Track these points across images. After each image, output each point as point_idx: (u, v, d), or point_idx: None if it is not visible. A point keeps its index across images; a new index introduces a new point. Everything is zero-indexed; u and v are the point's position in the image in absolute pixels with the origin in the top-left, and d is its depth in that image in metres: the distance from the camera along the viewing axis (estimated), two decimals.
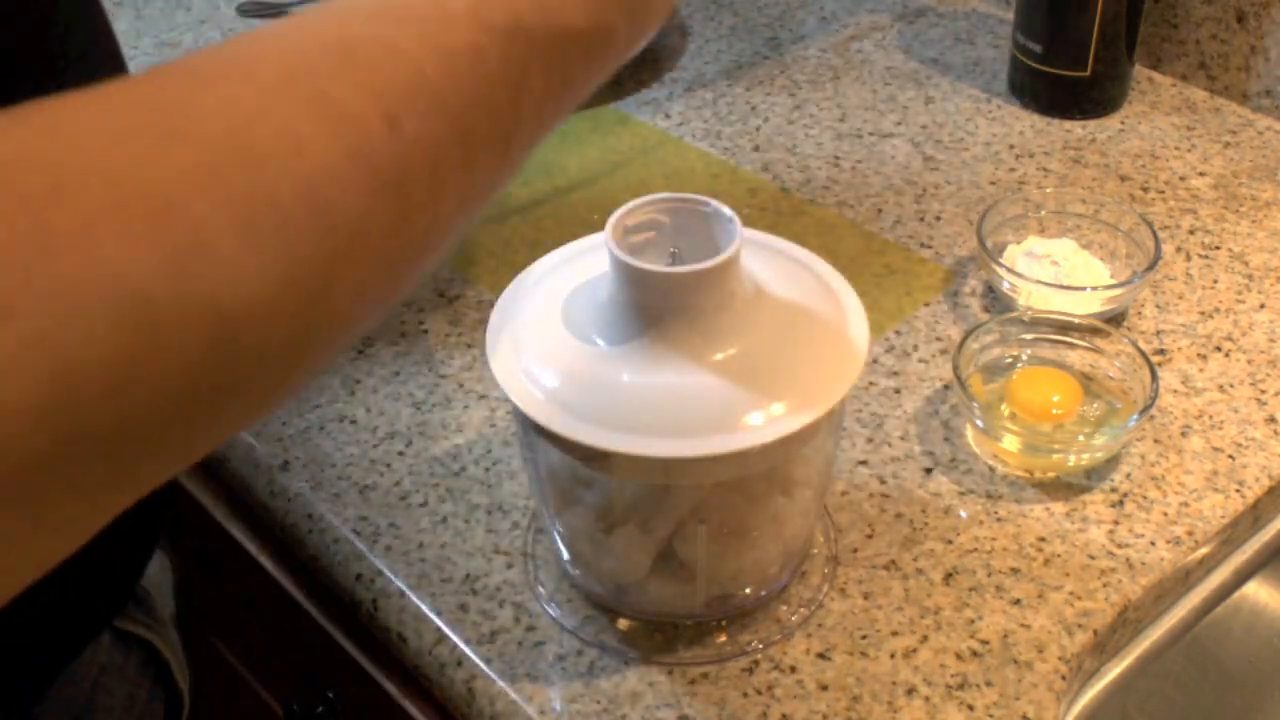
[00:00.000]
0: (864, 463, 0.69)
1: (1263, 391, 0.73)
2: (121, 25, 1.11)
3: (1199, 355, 0.76)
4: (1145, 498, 0.67)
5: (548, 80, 0.40)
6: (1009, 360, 0.73)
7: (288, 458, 0.70)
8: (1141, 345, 0.72)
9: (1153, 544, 0.65)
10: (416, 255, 0.36)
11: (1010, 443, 0.68)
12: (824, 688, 0.58)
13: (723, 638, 0.60)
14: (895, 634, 0.61)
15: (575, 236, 0.60)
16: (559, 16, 0.40)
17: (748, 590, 0.61)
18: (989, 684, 0.58)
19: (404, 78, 0.35)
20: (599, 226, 0.54)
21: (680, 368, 0.52)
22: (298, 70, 0.33)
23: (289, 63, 0.33)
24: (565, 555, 0.62)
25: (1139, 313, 0.79)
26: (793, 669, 0.59)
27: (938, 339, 0.77)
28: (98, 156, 0.28)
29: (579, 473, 0.56)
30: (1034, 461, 0.68)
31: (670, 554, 0.58)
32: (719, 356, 0.52)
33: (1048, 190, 0.87)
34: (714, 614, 0.60)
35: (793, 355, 0.53)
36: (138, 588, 0.64)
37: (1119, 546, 0.64)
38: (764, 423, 0.51)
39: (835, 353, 0.54)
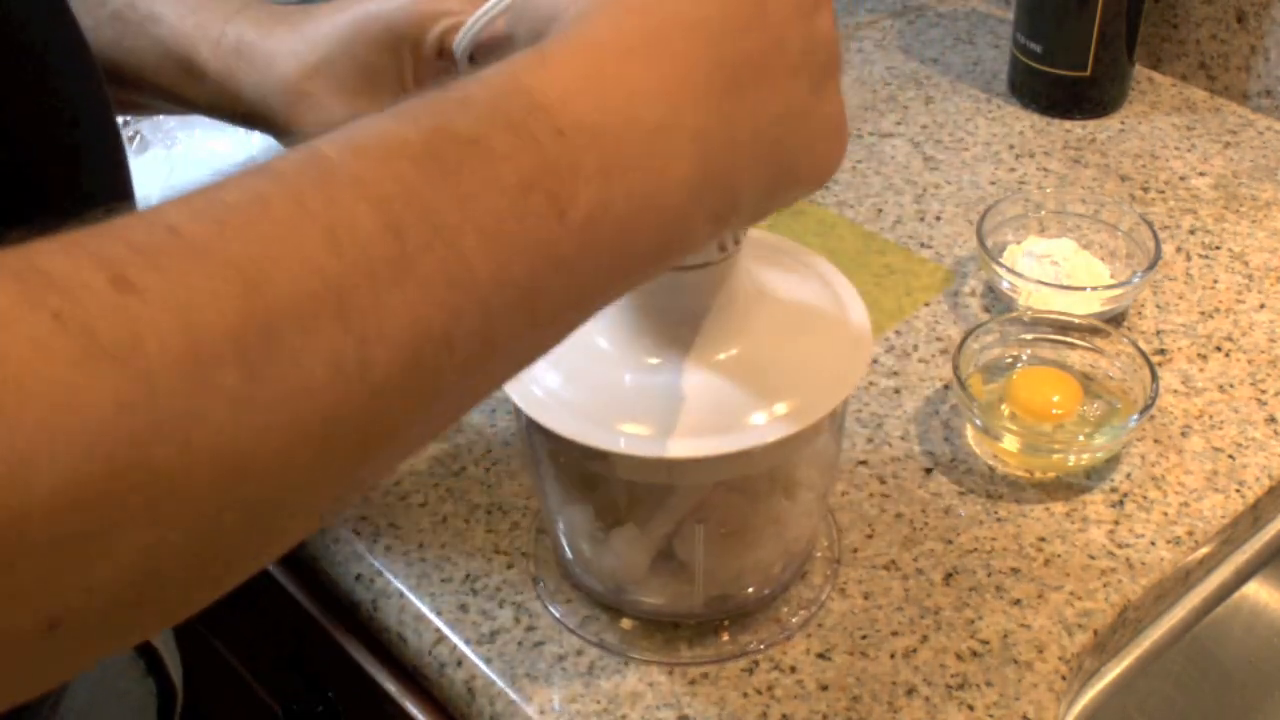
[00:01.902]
0: (864, 463, 0.69)
1: (1263, 391, 0.73)
2: None
3: (1199, 355, 0.76)
4: (1145, 498, 0.67)
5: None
6: (1009, 360, 0.73)
7: None
8: (1141, 345, 0.72)
9: (1153, 544, 0.65)
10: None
11: (1010, 443, 0.68)
12: (824, 688, 0.58)
13: (723, 637, 0.60)
14: (895, 634, 0.61)
15: None
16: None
17: (749, 590, 0.61)
18: (989, 684, 0.58)
19: (155, 239, 0.29)
20: None
21: (682, 367, 0.52)
22: (27, 246, 0.28)
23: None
24: (568, 554, 0.62)
25: (1139, 313, 0.79)
26: (793, 669, 0.59)
27: (938, 339, 0.77)
28: None
29: (580, 471, 0.56)
30: (1034, 461, 0.68)
31: (670, 553, 0.58)
32: (721, 356, 0.52)
33: (1048, 190, 0.87)
34: (714, 614, 0.60)
35: (795, 355, 0.53)
36: None
37: (1119, 546, 0.64)
38: (766, 423, 0.51)
39: (837, 352, 0.54)
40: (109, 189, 0.54)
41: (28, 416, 0.26)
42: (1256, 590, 0.70)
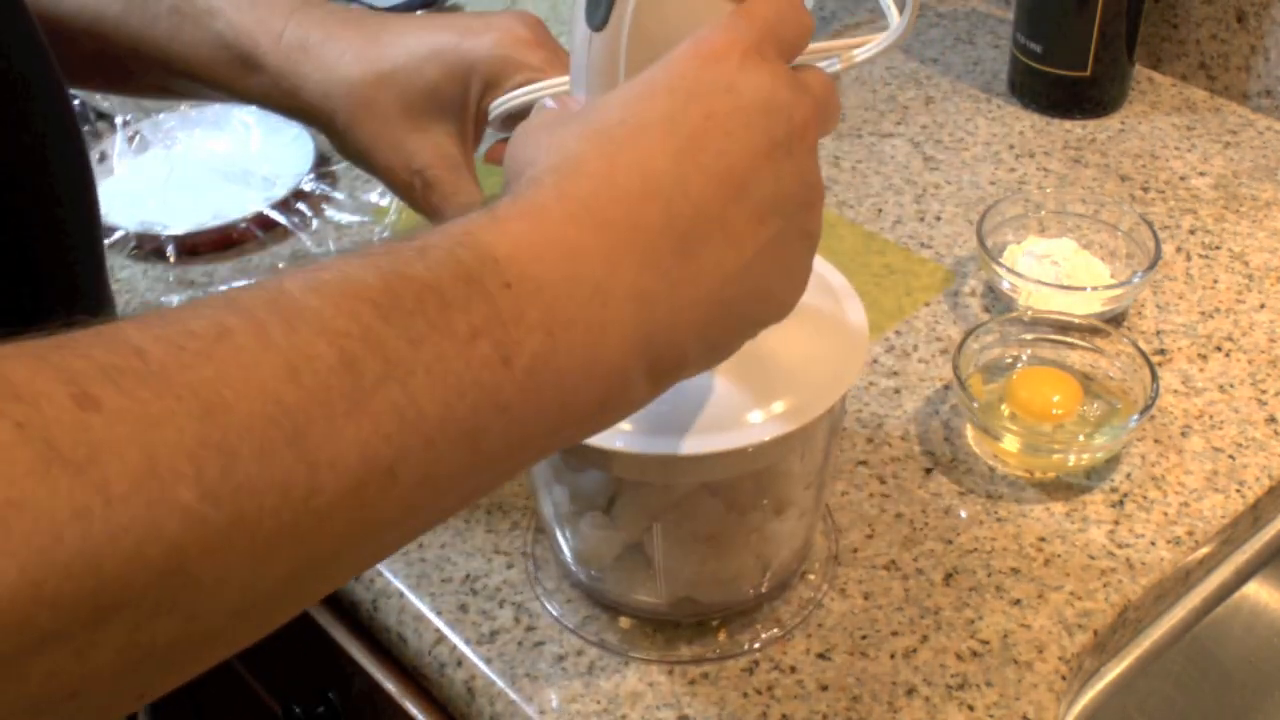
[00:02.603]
0: (864, 463, 0.69)
1: (1263, 391, 0.73)
2: None
3: (1199, 355, 0.76)
4: (1145, 498, 0.67)
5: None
6: (1009, 360, 0.73)
7: None
8: (1141, 345, 0.72)
9: (1153, 544, 0.65)
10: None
11: (1010, 443, 0.68)
12: (824, 688, 0.58)
13: (723, 637, 0.60)
14: (895, 634, 0.61)
15: None
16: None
17: (716, 599, 0.60)
18: (989, 684, 0.58)
19: (118, 359, 0.30)
20: None
21: None
22: None
23: None
24: (558, 540, 0.62)
25: (1139, 313, 0.79)
26: (793, 669, 0.59)
27: (938, 339, 0.77)
28: None
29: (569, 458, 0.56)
30: (1034, 461, 0.68)
31: (640, 548, 0.58)
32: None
33: (1048, 190, 0.87)
34: (682, 614, 0.60)
35: (793, 354, 0.53)
36: None
37: (1119, 546, 0.64)
38: (763, 421, 0.51)
39: (835, 351, 0.54)
40: (75, 191, 0.55)
41: None
42: (1256, 590, 0.70)
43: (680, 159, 0.40)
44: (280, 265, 0.84)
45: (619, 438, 0.50)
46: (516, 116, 0.55)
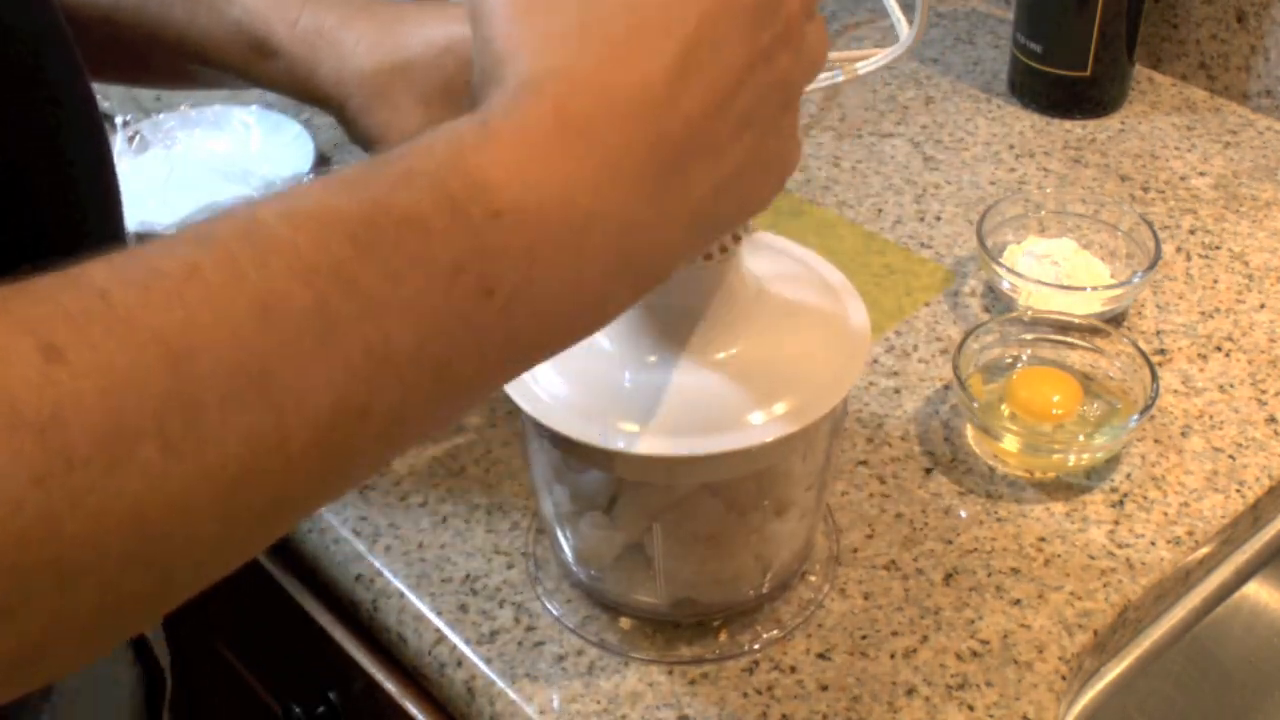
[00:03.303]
0: (864, 463, 0.69)
1: (1263, 391, 0.73)
2: None
3: (1199, 355, 0.76)
4: (1145, 498, 0.67)
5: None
6: (1009, 360, 0.73)
7: None
8: (1141, 345, 0.72)
9: (1153, 544, 0.65)
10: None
11: (1010, 443, 0.68)
12: (824, 688, 0.58)
13: (723, 638, 0.60)
14: (895, 634, 0.61)
15: None
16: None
17: (716, 600, 0.60)
18: (989, 684, 0.58)
19: (84, 305, 0.29)
20: None
21: (681, 366, 0.52)
22: None
23: None
24: (562, 547, 0.62)
25: (1139, 313, 0.79)
26: (793, 669, 0.59)
27: (938, 339, 0.77)
28: None
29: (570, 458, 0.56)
30: (1034, 461, 0.68)
31: (640, 548, 0.58)
32: (720, 355, 0.52)
33: (1048, 190, 0.87)
34: (683, 615, 0.60)
35: (794, 354, 0.53)
36: None
37: (1119, 546, 0.64)
38: (765, 422, 0.51)
39: (836, 352, 0.54)
40: (93, 177, 0.55)
41: None
42: (1256, 590, 0.70)
43: (675, 73, 0.38)
44: None
45: (620, 438, 0.50)
46: None
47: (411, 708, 0.65)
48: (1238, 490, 0.67)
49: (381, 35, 0.61)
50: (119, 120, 0.92)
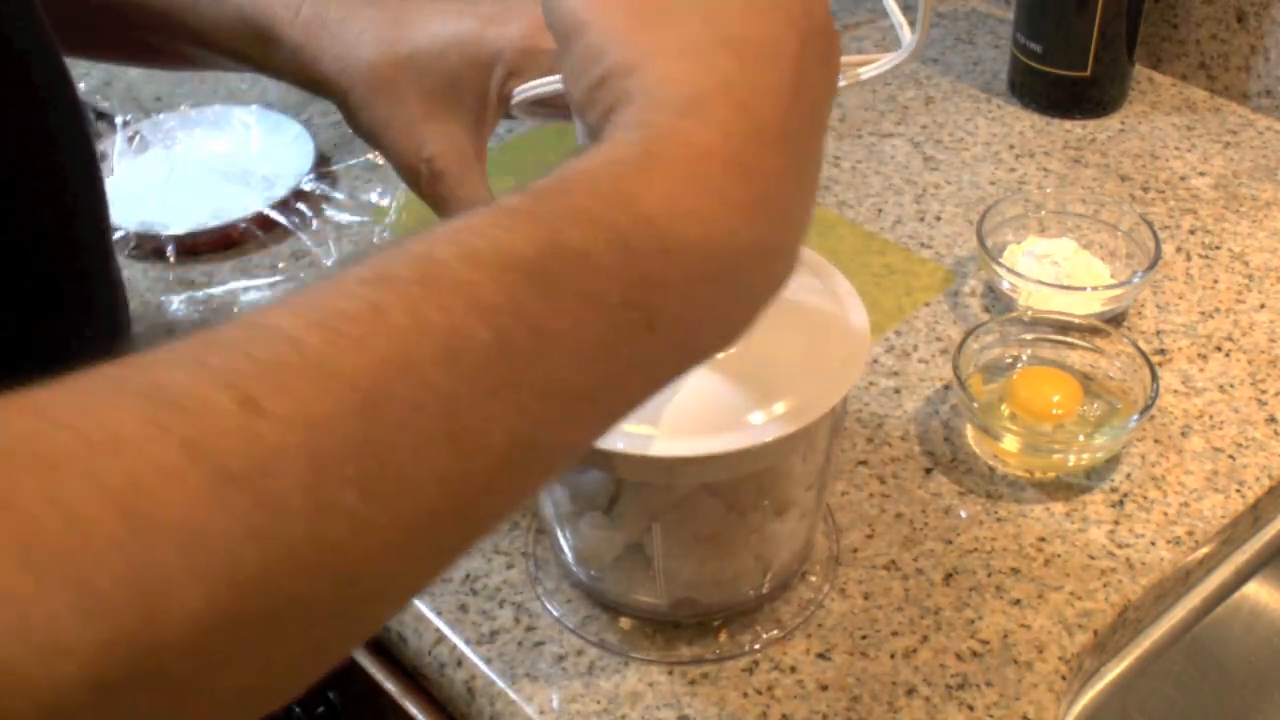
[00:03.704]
0: (864, 463, 0.69)
1: (1263, 391, 0.73)
2: None
3: (1199, 355, 0.76)
4: (1145, 498, 0.67)
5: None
6: (1009, 360, 0.73)
7: None
8: (1141, 345, 0.72)
9: (1153, 544, 0.65)
10: (339, 570, 0.29)
11: (1010, 443, 0.68)
12: (824, 688, 0.58)
13: (723, 638, 0.60)
14: (895, 634, 0.61)
15: None
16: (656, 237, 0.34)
17: (716, 600, 0.60)
18: (989, 684, 0.58)
19: (276, 353, 0.29)
20: None
21: None
22: (146, 359, 0.29)
23: (132, 363, 0.29)
24: (562, 547, 0.62)
25: (1139, 313, 0.79)
26: (793, 669, 0.59)
27: (938, 339, 0.77)
28: None
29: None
30: (1034, 461, 0.68)
31: (640, 548, 0.58)
32: (720, 355, 0.52)
33: (1048, 190, 0.87)
34: (683, 615, 0.60)
35: (794, 354, 0.53)
36: None
37: (1119, 546, 0.64)
38: (764, 422, 0.51)
39: (836, 352, 0.54)
40: (83, 180, 0.55)
41: (161, 548, 0.26)
42: (1256, 590, 0.70)
43: (792, 90, 0.39)
44: (281, 264, 0.84)
45: (620, 438, 0.50)
46: (541, 103, 0.54)
47: (411, 708, 0.65)
48: (1238, 490, 0.67)
49: (386, 27, 0.61)
50: (119, 120, 0.92)
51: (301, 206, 0.88)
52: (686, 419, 0.51)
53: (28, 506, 0.25)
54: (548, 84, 0.53)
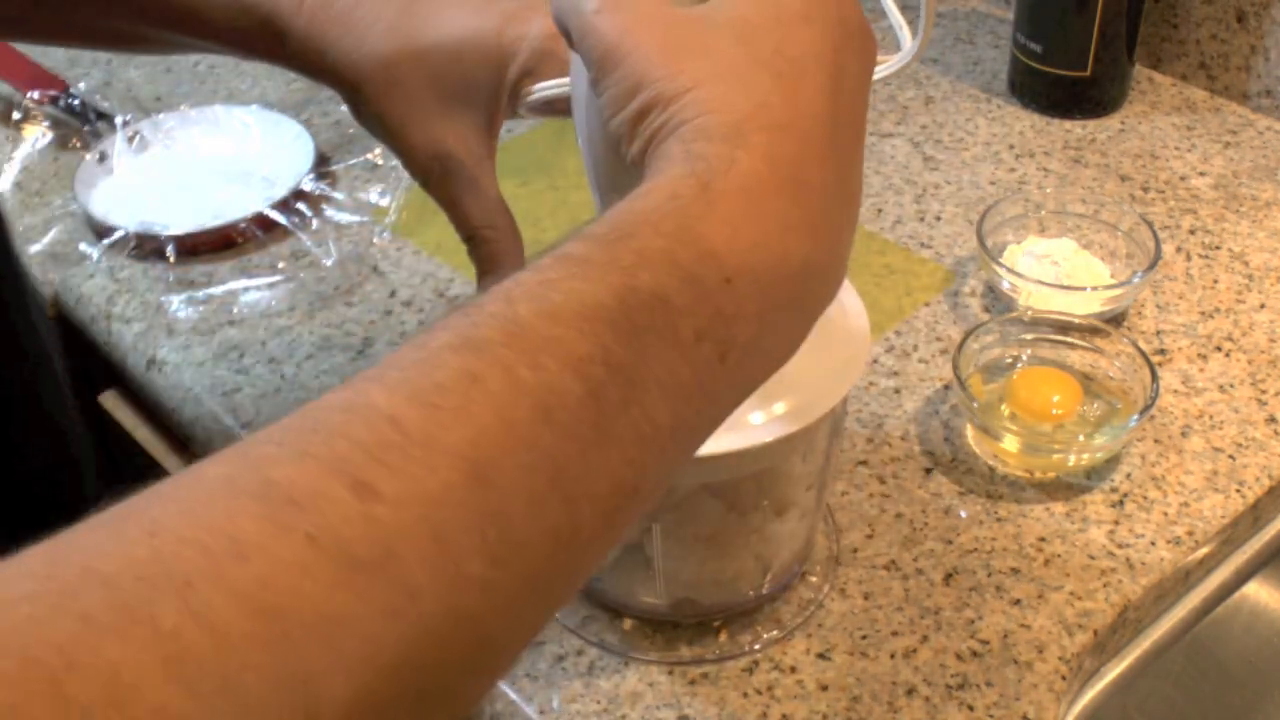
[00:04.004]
0: (864, 463, 0.69)
1: (1263, 391, 0.73)
2: None
3: (1199, 355, 0.76)
4: (1145, 498, 0.67)
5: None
6: (1009, 360, 0.73)
7: None
8: (1141, 345, 0.72)
9: (1153, 544, 0.65)
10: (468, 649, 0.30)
11: (1010, 443, 0.68)
12: (824, 688, 0.58)
13: (723, 638, 0.60)
14: (895, 634, 0.61)
15: None
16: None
17: (716, 600, 0.60)
18: (989, 684, 0.58)
19: (379, 435, 0.30)
20: None
21: None
22: (248, 455, 0.29)
23: (242, 449, 0.30)
24: None
25: (1139, 313, 0.79)
26: (793, 669, 0.59)
27: (938, 339, 0.77)
28: None
29: None
30: (1034, 461, 0.68)
31: (639, 548, 0.58)
32: None
33: (1048, 190, 0.87)
34: (683, 615, 0.60)
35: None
36: None
37: (1119, 546, 0.64)
38: (764, 422, 0.51)
39: (837, 352, 0.54)
40: None
41: (304, 643, 0.27)
42: (1256, 590, 0.70)
43: (830, 104, 0.39)
44: (281, 264, 0.84)
45: None
46: (554, 102, 0.54)
47: None
48: (1238, 490, 0.67)
49: (399, 17, 0.59)
50: (119, 120, 0.92)
51: (301, 206, 0.88)
52: None
53: (170, 625, 0.25)
54: (563, 85, 0.53)
